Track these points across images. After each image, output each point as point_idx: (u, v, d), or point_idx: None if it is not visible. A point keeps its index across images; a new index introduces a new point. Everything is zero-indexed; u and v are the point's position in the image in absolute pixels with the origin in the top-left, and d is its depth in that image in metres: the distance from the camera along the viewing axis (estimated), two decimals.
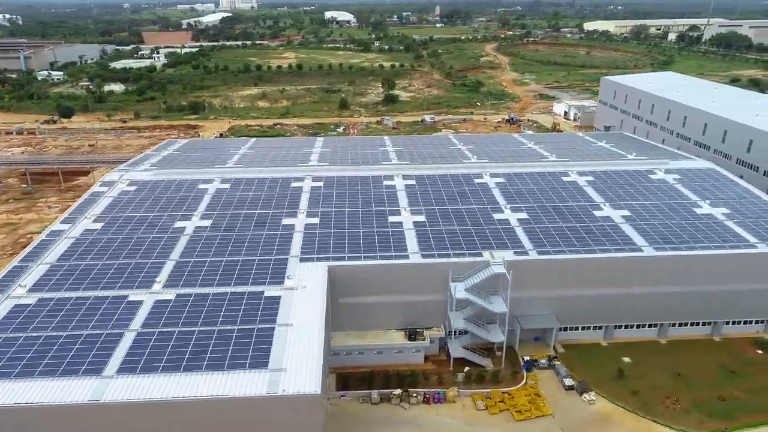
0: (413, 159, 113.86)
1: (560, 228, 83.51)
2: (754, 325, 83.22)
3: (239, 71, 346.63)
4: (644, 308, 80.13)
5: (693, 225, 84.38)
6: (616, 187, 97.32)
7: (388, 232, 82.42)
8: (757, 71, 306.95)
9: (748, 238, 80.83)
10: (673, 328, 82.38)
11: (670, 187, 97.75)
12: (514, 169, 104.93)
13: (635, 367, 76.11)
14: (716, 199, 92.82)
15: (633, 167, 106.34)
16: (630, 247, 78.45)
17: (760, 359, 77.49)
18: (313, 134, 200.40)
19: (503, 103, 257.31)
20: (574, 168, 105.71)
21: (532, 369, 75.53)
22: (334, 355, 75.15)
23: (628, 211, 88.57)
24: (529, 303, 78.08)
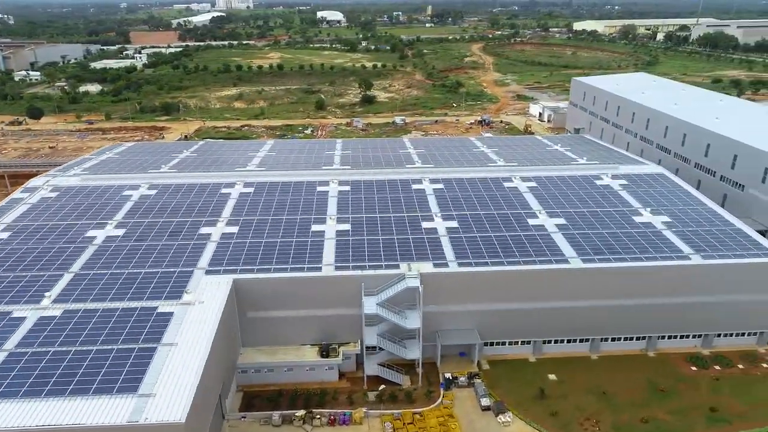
0: (357, 163, 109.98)
1: (488, 238, 79.64)
2: (691, 340, 79.35)
3: (219, 72, 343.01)
4: (573, 322, 76.26)
5: (629, 234, 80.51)
6: (557, 194, 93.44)
7: (307, 242, 78.56)
8: (740, 72, 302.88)
9: (684, 248, 76.97)
10: (605, 342, 78.51)
11: (614, 193, 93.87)
12: (455, 175, 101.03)
13: (560, 385, 72.28)
14: (659, 207, 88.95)
15: (580, 172, 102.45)
16: (557, 259, 74.59)
17: (693, 376, 73.62)
18: (281, 136, 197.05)
19: (480, 104, 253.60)
20: (518, 173, 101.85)
21: (450, 387, 71.63)
22: (242, 372, 71.29)
23: (564, 220, 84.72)
24: (451, 317, 74.33)
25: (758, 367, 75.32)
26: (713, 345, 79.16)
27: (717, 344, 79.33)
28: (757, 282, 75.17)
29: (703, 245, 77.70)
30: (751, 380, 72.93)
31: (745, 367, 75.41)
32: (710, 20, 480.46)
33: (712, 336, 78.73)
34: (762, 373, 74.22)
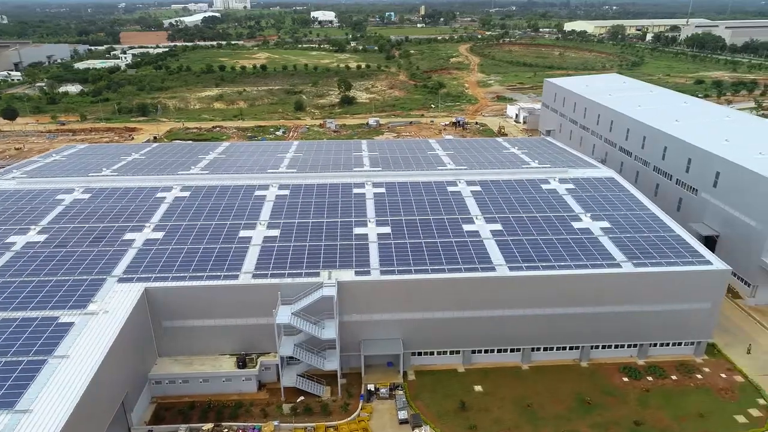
0: (305, 166, 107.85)
1: (419, 245, 77.46)
2: (627, 350, 77.20)
3: (202, 72, 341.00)
4: (503, 332, 74.15)
5: (563, 241, 78.33)
6: (499, 198, 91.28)
7: (231, 248, 76.41)
8: (724, 73, 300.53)
9: (617, 255, 74.78)
10: (537, 352, 76.39)
11: (558, 198, 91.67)
12: (400, 179, 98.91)
13: (485, 396, 70.16)
14: (601, 212, 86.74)
15: (528, 176, 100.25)
16: (484, 266, 72.40)
17: (624, 388, 71.45)
18: (251, 137, 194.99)
19: (458, 105, 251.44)
20: (465, 177, 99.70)
21: (371, 399, 69.52)
22: (156, 383, 69.18)
23: (501, 225, 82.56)
24: (375, 327, 72.25)
25: (692, 378, 73.19)
26: (649, 355, 77.08)
27: (653, 354, 77.29)
28: (691, 290, 73.03)
29: (638, 252, 75.52)
30: (682, 392, 70.78)
31: (679, 378, 73.27)
32: (699, 21, 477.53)
33: (648, 346, 76.62)
34: (696, 385, 72.08)
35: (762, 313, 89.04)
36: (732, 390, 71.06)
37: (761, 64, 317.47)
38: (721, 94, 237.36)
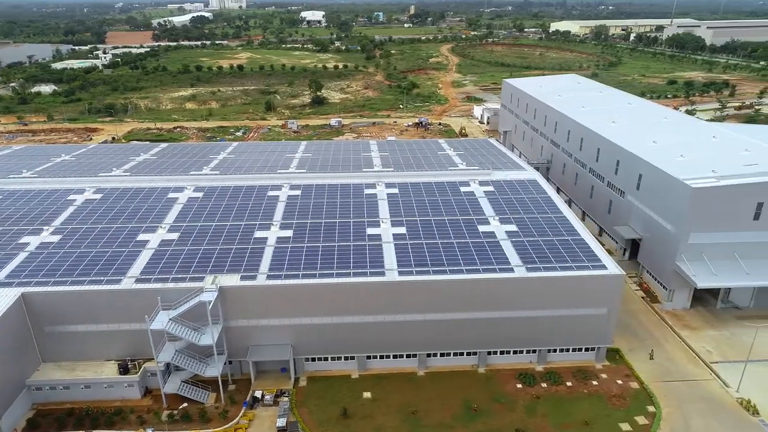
0: (231, 168, 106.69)
1: (315, 248, 76.30)
2: (526, 355, 76.02)
3: (178, 72, 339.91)
4: (398, 337, 72.97)
5: (464, 245, 77.14)
6: (413, 201, 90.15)
7: (124, 252, 75.27)
8: (699, 73, 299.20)
9: (514, 260, 73.56)
10: (435, 358, 75.26)
11: (473, 201, 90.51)
12: (320, 181, 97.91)
13: (373, 403, 69.02)
14: (512, 215, 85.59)
15: (450, 178, 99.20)
16: (374, 271, 71.23)
17: (514, 394, 70.30)
18: (210, 138, 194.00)
19: (426, 105, 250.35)
20: (387, 179, 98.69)
21: (255, 406, 68.42)
22: (37, 390, 68.10)
23: (405, 229, 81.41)
24: (263, 332, 71.06)
25: (587, 385, 72.01)
26: (548, 361, 75.90)
27: (553, 360, 76.10)
28: (586, 296, 71.83)
29: (536, 257, 74.33)
30: (574, 399, 69.62)
31: (574, 384, 72.10)
32: (682, 21, 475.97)
33: (546, 352, 75.45)
34: (589, 392, 70.91)
35: (677, 317, 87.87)
36: (624, 397, 69.88)
37: (737, 65, 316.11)
38: (690, 94, 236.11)
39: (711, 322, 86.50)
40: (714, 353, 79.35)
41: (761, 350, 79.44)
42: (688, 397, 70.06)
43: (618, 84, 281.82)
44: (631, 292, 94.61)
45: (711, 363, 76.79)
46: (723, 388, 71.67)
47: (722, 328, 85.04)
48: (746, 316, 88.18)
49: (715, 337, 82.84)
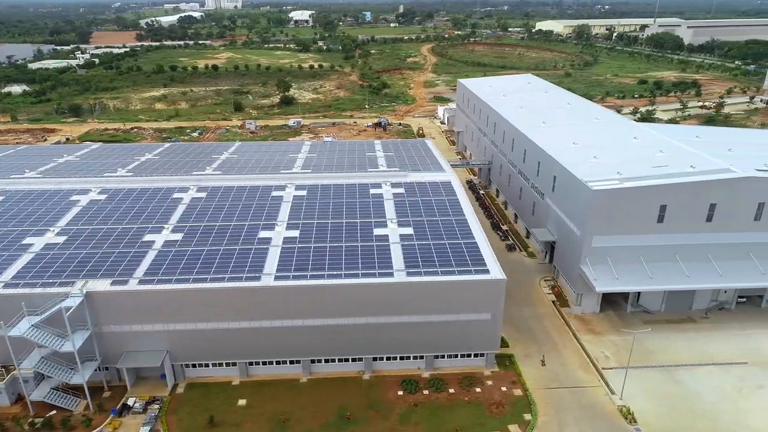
0: (146, 169, 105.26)
1: (199, 252, 74.80)
2: (413, 362, 74.49)
3: (152, 72, 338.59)
4: (280, 343, 71.51)
5: (352, 249, 75.56)
6: (318, 204, 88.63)
7: (3, 256, 73.81)
8: (673, 72, 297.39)
9: (397, 265, 71.87)
10: (320, 364, 73.77)
11: (379, 203, 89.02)
12: (229, 183, 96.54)
13: (246, 411, 67.55)
14: (412, 218, 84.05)
15: (364, 180, 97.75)
16: (250, 275, 69.74)
17: (393, 402, 68.77)
18: (165, 138, 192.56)
19: (393, 105, 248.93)
20: (298, 181, 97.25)
21: (124, 414, 66.97)
22: None
23: (299, 232, 79.92)
24: (138, 338, 69.54)
25: (470, 392, 70.46)
26: (436, 367, 74.45)
27: (442, 366, 74.64)
28: (469, 301, 70.26)
29: (422, 261, 72.68)
30: (452, 406, 68.11)
31: (457, 391, 70.59)
32: (665, 20, 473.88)
33: (433, 358, 73.95)
34: (470, 399, 69.40)
35: (584, 322, 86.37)
36: (504, 404, 68.36)
37: (712, 64, 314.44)
38: (654, 95, 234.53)
39: (617, 327, 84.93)
40: (611, 359, 77.85)
41: (660, 356, 78.29)
42: (569, 404, 68.56)
43: (589, 83, 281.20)
44: (542, 295, 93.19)
45: (605, 369, 75.29)
46: (608, 395, 70.17)
47: (627, 333, 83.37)
48: (655, 321, 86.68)
49: (618, 342, 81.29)
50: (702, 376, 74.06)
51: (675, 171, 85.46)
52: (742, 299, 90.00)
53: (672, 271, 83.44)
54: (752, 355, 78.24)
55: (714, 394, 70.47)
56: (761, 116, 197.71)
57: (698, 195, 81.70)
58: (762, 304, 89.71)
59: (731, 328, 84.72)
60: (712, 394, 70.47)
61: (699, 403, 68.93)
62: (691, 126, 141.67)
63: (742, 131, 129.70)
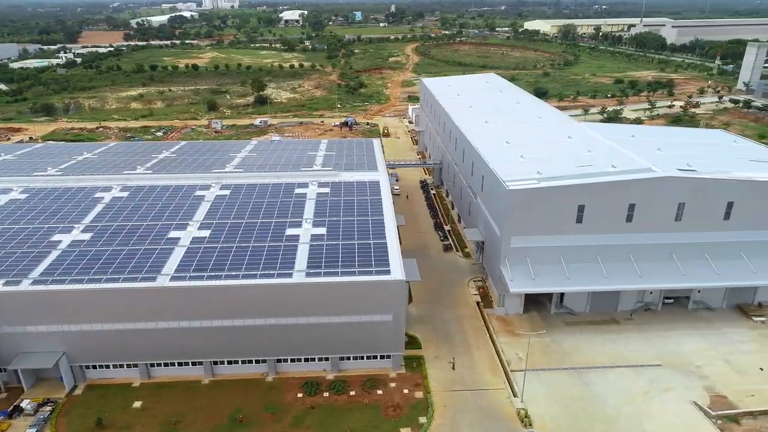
0: (74, 169, 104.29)
1: (102, 252, 73.83)
2: (319, 363, 73.50)
3: (132, 72, 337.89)
4: (181, 344, 70.49)
5: (258, 249, 74.57)
6: (237, 204, 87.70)
7: None
8: (651, 72, 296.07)
9: (299, 265, 70.84)
10: (225, 366, 72.75)
11: (300, 203, 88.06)
12: (155, 182, 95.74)
13: (139, 413, 66.53)
14: (330, 218, 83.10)
15: (291, 180, 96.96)
16: (146, 276, 68.73)
17: (291, 404, 67.72)
18: (128, 138, 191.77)
19: (366, 105, 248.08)
20: (224, 181, 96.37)
21: (16, 415, 66.01)
22: None
23: (209, 233, 78.94)
24: (34, 339, 68.58)
25: (371, 394, 69.40)
26: (342, 369, 73.43)
27: (348, 368, 73.60)
28: (370, 302, 69.23)
29: (325, 262, 71.62)
30: (349, 408, 67.09)
31: (358, 393, 69.56)
32: (651, 20, 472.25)
33: (339, 359, 72.92)
34: (369, 401, 68.34)
35: (506, 323, 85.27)
36: (402, 407, 67.29)
37: (692, 64, 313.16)
38: (627, 94, 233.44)
39: (538, 328, 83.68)
40: (524, 360, 76.62)
41: (575, 358, 77.21)
42: (469, 407, 67.54)
43: (566, 83, 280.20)
44: (468, 296, 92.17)
45: (515, 371, 74.19)
46: (509, 398, 69.11)
47: (546, 335, 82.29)
48: (579, 322, 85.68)
49: (535, 344, 80.00)
50: (612, 378, 73.04)
51: (597, 171, 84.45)
52: (669, 300, 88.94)
53: (593, 272, 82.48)
54: (668, 357, 77.21)
55: (619, 397, 69.42)
56: (729, 116, 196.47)
57: (616, 195, 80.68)
58: (689, 305, 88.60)
59: (654, 329, 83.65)
60: (617, 397, 69.42)
61: (601, 406, 67.90)
62: (630, 126, 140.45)
63: (682, 131, 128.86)
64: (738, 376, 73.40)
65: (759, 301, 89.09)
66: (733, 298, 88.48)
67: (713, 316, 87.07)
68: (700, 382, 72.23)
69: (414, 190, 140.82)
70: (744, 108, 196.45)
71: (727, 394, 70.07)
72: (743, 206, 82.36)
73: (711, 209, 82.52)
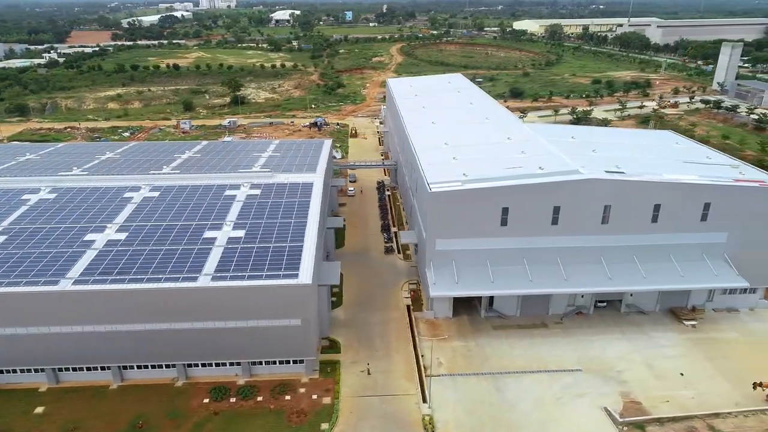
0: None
1: (12, 254, 72.82)
2: (231, 368, 72.40)
3: (113, 72, 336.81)
4: (89, 349, 69.35)
5: (170, 252, 73.54)
6: (163, 205, 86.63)
7: None
8: (630, 72, 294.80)
9: (208, 269, 69.83)
10: (135, 370, 71.75)
11: (226, 205, 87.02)
12: (84, 183, 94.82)
13: (39, 419, 65.56)
14: (254, 220, 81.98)
15: (225, 181, 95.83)
16: (48, 280, 67.65)
17: (196, 410, 66.61)
18: (95, 138, 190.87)
19: (341, 105, 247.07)
20: (156, 183, 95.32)
21: None
22: None
23: (125, 235, 77.91)
24: None
25: (278, 400, 68.36)
26: (255, 374, 72.45)
27: (261, 373, 72.60)
28: (279, 306, 68.12)
29: (235, 265, 70.51)
30: (253, 414, 66.09)
31: (265, 399, 68.56)
32: (637, 20, 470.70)
33: (251, 364, 71.89)
34: (275, 407, 67.31)
35: (434, 326, 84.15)
36: (307, 413, 66.26)
37: (671, 63, 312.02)
38: (602, 95, 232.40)
39: (465, 333, 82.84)
40: (444, 365, 75.72)
41: (495, 363, 76.06)
42: (374, 413, 66.48)
43: (544, 83, 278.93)
44: (400, 299, 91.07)
45: (433, 376, 73.08)
46: (418, 404, 68.02)
47: (471, 339, 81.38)
48: (508, 326, 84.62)
49: (458, 348, 79.22)
50: (528, 383, 71.98)
51: (524, 172, 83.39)
52: (602, 304, 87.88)
53: (519, 276, 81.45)
54: (590, 362, 76.13)
55: (530, 403, 68.37)
56: (699, 116, 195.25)
57: (540, 197, 79.63)
58: (621, 309, 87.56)
59: (581, 334, 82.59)
60: (528, 403, 68.37)
61: (510, 412, 66.84)
62: (574, 126, 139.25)
63: (629, 132, 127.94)
64: (657, 382, 72.39)
65: (693, 305, 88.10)
66: (666, 301, 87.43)
67: (645, 320, 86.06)
68: (617, 388, 71.23)
69: (370, 191, 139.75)
70: (714, 108, 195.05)
71: (642, 400, 69.09)
72: (670, 209, 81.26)
73: (638, 212, 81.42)
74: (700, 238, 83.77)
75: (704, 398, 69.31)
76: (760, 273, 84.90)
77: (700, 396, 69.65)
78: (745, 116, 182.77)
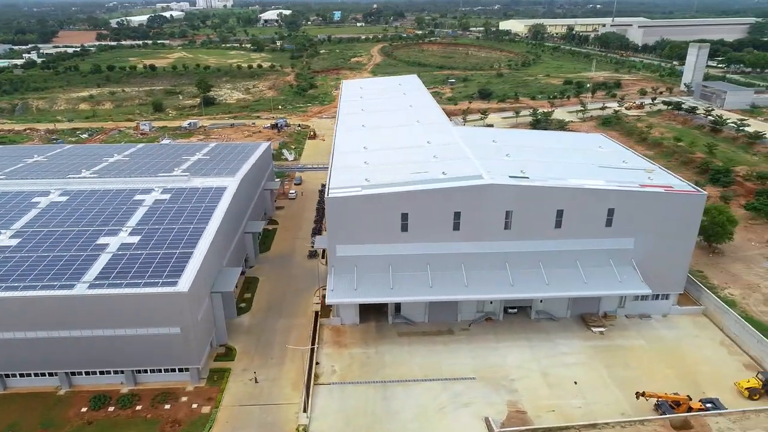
0: None
1: None
2: (116, 376, 71.38)
3: (89, 72, 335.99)
4: None
5: (56, 259, 72.54)
6: (69, 210, 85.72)
7: None
8: (604, 73, 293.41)
9: (89, 276, 68.86)
10: (17, 379, 70.88)
11: (131, 210, 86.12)
12: (21, 188, 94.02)
13: None
14: (152, 225, 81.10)
15: (138, 185, 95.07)
16: None
17: (70, 420, 65.80)
18: (53, 140, 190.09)
19: (308, 106, 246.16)
20: (66, 186, 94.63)
21: None
22: None
23: (18, 241, 76.95)
24: None
25: (157, 409, 67.35)
26: (140, 382, 71.56)
27: (147, 381, 71.64)
28: (156, 314, 67.18)
29: (117, 272, 69.62)
30: (126, 424, 65.21)
31: (144, 408, 67.62)
32: (621, 20, 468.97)
33: (135, 372, 70.95)
34: (152, 416, 66.42)
35: (338, 333, 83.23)
36: (183, 423, 65.30)
37: (646, 64, 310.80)
38: (567, 96, 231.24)
39: (368, 339, 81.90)
40: (338, 373, 74.78)
41: (390, 371, 75.05)
42: (251, 423, 65.53)
43: (517, 84, 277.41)
44: (309, 305, 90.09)
45: (322, 384, 72.23)
46: (297, 413, 67.01)
47: (373, 346, 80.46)
48: (413, 332, 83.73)
49: (356, 356, 78.28)
50: (417, 392, 70.99)
51: (428, 177, 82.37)
52: (513, 310, 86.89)
53: (422, 282, 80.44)
54: (486, 370, 75.09)
55: (412, 412, 67.39)
56: (660, 117, 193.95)
57: (440, 203, 78.52)
58: (532, 315, 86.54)
59: (485, 341, 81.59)
60: (411, 412, 67.39)
61: (389, 422, 65.85)
62: (499, 130, 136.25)
63: (558, 135, 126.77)
64: (548, 390, 71.40)
65: (605, 311, 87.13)
66: (577, 308, 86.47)
67: (554, 326, 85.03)
68: (506, 397, 70.24)
69: (313, 194, 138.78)
70: (675, 110, 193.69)
71: (528, 410, 68.11)
72: (573, 214, 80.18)
73: (541, 217, 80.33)
74: (608, 244, 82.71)
75: (591, 407, 68.38)
76: (668, 280, 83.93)
77: (588, 405, 68.72)
78: (703, 118, 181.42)
